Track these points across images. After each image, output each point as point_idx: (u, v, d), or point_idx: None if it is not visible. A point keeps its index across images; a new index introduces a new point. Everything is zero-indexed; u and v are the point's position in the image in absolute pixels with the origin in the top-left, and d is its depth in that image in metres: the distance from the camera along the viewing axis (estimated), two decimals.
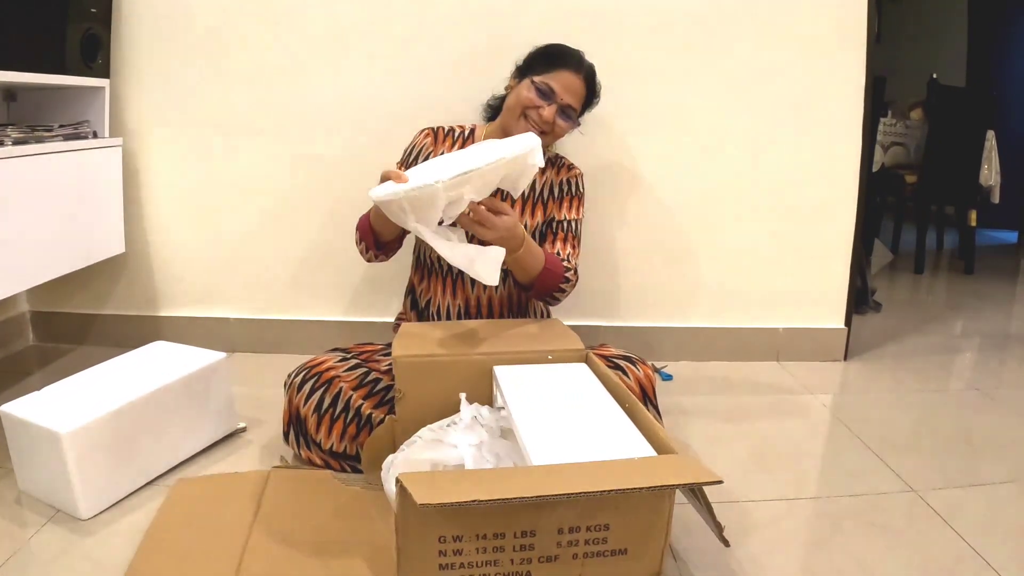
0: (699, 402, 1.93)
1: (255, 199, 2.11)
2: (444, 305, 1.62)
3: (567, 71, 1.55)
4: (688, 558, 1.23)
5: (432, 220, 1.27)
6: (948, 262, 4.00)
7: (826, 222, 2.19)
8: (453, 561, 0.99)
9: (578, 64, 1.58)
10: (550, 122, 1.54)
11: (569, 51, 1.61)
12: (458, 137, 1.67)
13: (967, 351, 2.49)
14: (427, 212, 1.25)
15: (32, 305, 2.21)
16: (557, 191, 1.65)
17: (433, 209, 1.25)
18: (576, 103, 1.57)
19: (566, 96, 1.55)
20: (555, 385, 1.28)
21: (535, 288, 1.51)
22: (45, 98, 1.89)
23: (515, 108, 1.56)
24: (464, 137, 1.67)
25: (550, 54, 1.60)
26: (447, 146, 1.66)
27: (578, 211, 1.65)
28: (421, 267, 1.67)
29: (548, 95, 1.54)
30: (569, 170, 1.68)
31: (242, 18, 1.99)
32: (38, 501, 1.34)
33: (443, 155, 1.56)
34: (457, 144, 1.66)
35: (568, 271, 1.54)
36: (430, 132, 1.67)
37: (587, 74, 1.60)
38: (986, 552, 1.26)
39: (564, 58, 1.58)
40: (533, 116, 1.54)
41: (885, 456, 1.63)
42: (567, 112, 1.56)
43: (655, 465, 1.01)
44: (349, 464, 1.47)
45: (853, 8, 2.06)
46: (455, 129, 1.69)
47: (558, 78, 1.54)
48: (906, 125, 3.82)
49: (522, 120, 1.55)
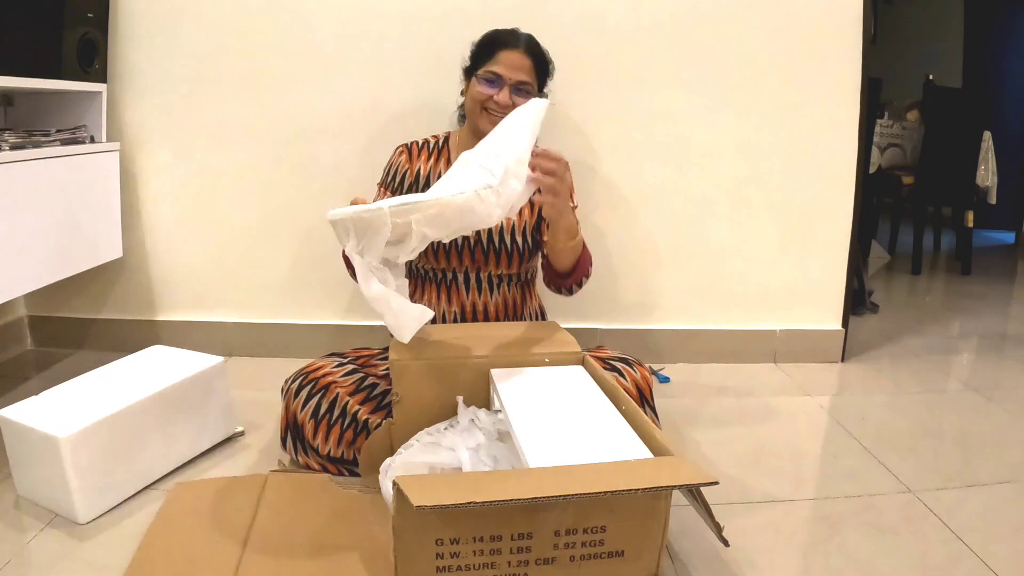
0: (696, 404, 1.93)
1: (252, 203, 2.11)
2: (440, 312, 1.62)
3: (506, 51, 1.57)
4: (686, 559, 1.23)
5: (375, 249, 1.17)
6: (945, 263, 4.01)
7: (823, 224, 2.19)
8: (450, 564, 0.99)
9: (515, 40, 1.59)
10: (508, 104, 1.54)
11: (502, 32, 1.62)
12: (433, 148, 1.67)
13: (964, 352, 2.50)
14: (371, 239, 1.16)
15: (30, 310, 2.21)
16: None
17: (378, 236, 1.15)
18: (526, 76, 1.58)
19: (513, 75, 1.56)
20: (552, 388, 1.28)
21: (573, 274, 1.55)
22: (42, 103, 1.90)
23: (474, 107, 1.59)
24: (439, 147, 1.67)
25: (486, 43, 1.61)
26: (423, 160, 1.66)
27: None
28: (414, 276, 1.67)
29: (496, 81, 1.56)
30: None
31: (239, 23, 2.00)
32: (36, 505, 1.34)
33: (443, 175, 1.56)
34: (433, 156, 1.66)
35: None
36: (404, 149, 1.68)
37: (527, 46, 1.59)
38: (983, 552, 1.26)
39: (499, 41, 1.59)
40: (491, 106, 1.57)
41: (882, 457, 1.63)
42: (521, 88, 1.57)
43: (651, 467, 1.01)
44: (347, 469, 1.47)
45: (848, 9, 2.06)
46: (429, 141, 1.69)
47: (500, 61, 1.56)
48: (902, 127, 3.83)
49: (484, 114, 1.57)
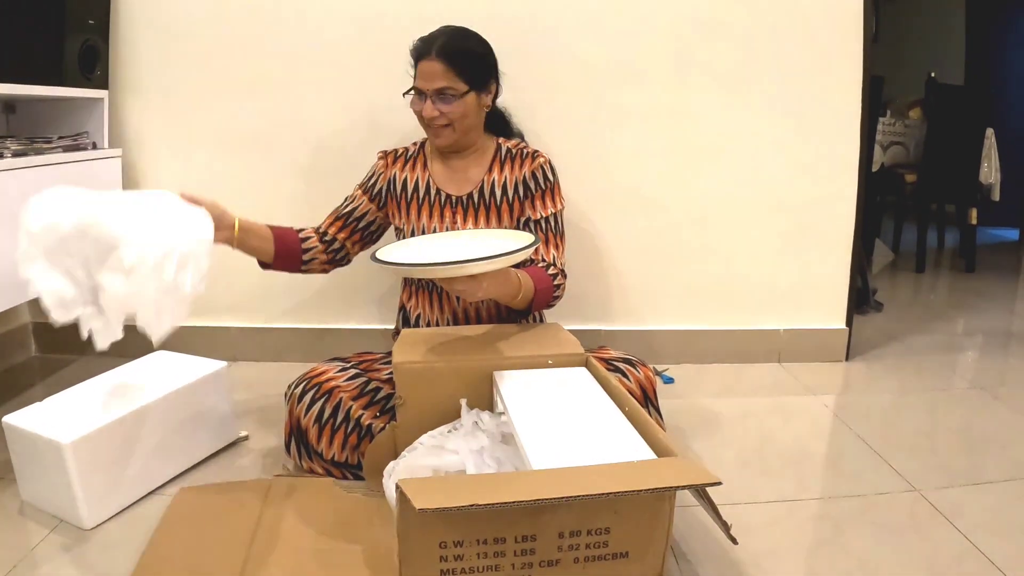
0: (701, 404, 1.93)
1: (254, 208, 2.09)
2: (433, 319, 1.62)
3: (421, 62, 1.52)
4: (692, 559, 1.23)
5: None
6: (949, 261, 4.00)
7: (826, 222, 2.19)
8: (454, 567, 0.99)
9: (427, 48, 1.52)
10: (434, 115, 1.52)
11: (418, 42, 1.56)
12: (410, 156, 1.67)
13: (969, 350, 2.49)
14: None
15: (34, 316, 2.22)
16: (523, 189, 1.60)
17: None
18: (445, 82, 1.49)
19: (430, 84, 1.51)
20: (555, 389, 1.28)
21: (532, 310, 1.53)
22: (44, 110, 1.90)
23: (421, 124, 1.58)
24: (415, 155, 1.67)
25: (411, 57, 1.57)
26: (398, 167, 1.65)
27: (555, 203, 1.60)
28: (408, 284, 1.68)
29: (420, 94, 1.53)
30: (533, 160, 1.60)
31: (240, 29, 2.00)
32: (41, 511, 1.34)
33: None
34: (409, 163, 1.65)
35: (556, 277, 1.52)
36: (383, 156, 1.68)
37: (438, 50, 1.50)
38: (989, 551, 1.25)
39: (416, 52, 1.55)
40: (424, 121, 1.55)
41: (887, 456, 1.63)
42: (442, 95, 1.51)
43: (654, 467, 1.01)
44: (351, 473, 1.47)
45: (850, 7, 2.06)
46: (409, 148, 1.69)
47: (418, 75, 1.53)
48: (905, 124, 3.82)
49: (427, 130, 1.58)
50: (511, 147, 1.64)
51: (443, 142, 1.56)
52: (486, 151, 1.64)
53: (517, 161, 1.62)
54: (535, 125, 1.96)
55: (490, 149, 1.64)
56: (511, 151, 1.63)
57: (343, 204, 1.67)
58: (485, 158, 1.63)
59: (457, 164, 1.62)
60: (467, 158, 1.63)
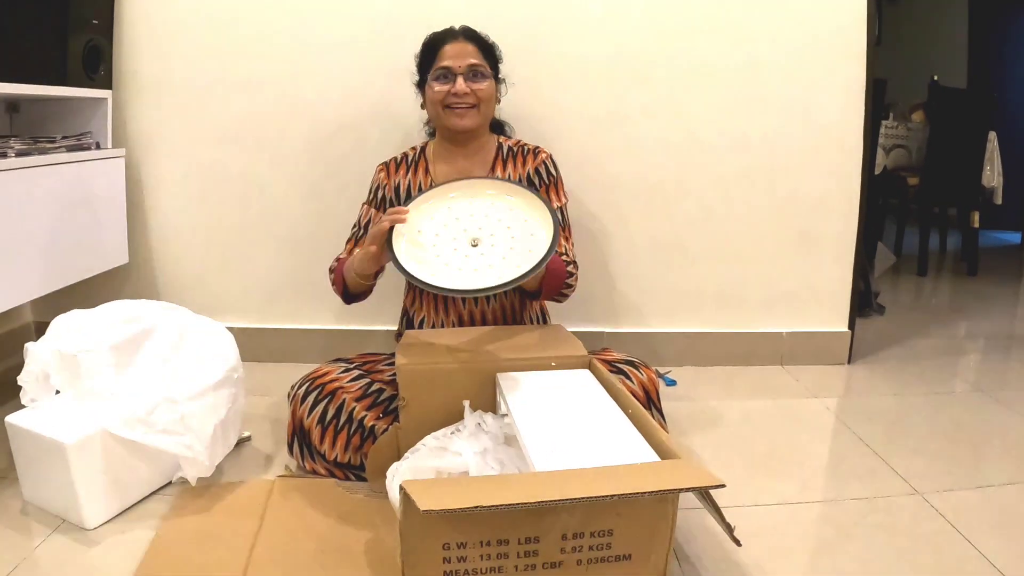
0: (703, 407, 1.93)
1: (257, 208, 2.11)
2: (437, 322, 1.62)
3: (447, 45, 1.55)
4: (695, 561, 1.23)
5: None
6: (951, 264, 4.00)
7: (828, 225, 2.18)
8: (457, 568, 0.99)
9: (453, 34, 1.57)
10: (467, 91, 1.52)
11: (437, 32, 1.60)
12: (411, 161, 1.66)
13: (971, 353, 2.49)
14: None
15: (36, 316, 2.22)
16: (529, 184, 1.61)
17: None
18: (477, 59, 1.55)
19: (462, 62, 1.53)
20: (558, 391, 1.28)
21: (543, 293, 1.51)
22: (48, 109, 1.90)
23: (436, 110, 1.57)
24: (416, 159, 1.66)
25: (427, 46, 1.60)
26: (401, 174, 1.65)
27: (559, 197, 1.62)
28: (412, 288, 1.67)
29: (449, 75, 1.54)
30: (535, 156, 1.63)
31: (243, 28, 2.00)
32: (43, 511, 1.34)
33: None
34: (411, 169, 1.65)
35: (569, 265, 1.53)
36: (383, 167, 1.67)
37: (465, 34, 1.57)
38: (992, 554, 1.25)
39: (438, 39, 1.57)
40: (451, 101, 1.54)
41: (890, 459, 1.63)
42: (475, 71, 1.54)
43: (657, 470, 1.01)
44: (353, 474, 1.47)
45: (853, 11, 2.06)
46: (408, 155, 1.68)
47: (445, 56, 1.54)
48: (907, 127, 3.82)
49: (448, 113, 1.55)
50: (511, 145, 1.65)
51: (468, 123, 1.56)
52: (489, 150, 1.64)
53: (519, 158, 1.63)
54: (537, 125, 1.96)
55: (492, 148, 1.65)
56: (512, 149, 1.64)
57: (356, 229, 1.65)
58: (488, 157, 1.63)
59: (461, 164, 1.62)
60: (471, 158, 1.63)
